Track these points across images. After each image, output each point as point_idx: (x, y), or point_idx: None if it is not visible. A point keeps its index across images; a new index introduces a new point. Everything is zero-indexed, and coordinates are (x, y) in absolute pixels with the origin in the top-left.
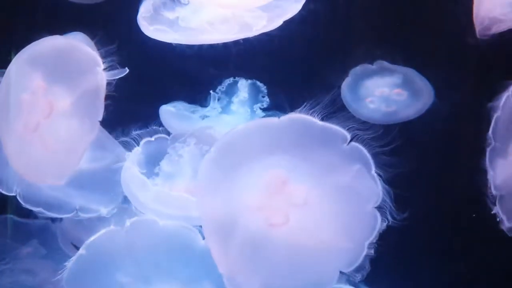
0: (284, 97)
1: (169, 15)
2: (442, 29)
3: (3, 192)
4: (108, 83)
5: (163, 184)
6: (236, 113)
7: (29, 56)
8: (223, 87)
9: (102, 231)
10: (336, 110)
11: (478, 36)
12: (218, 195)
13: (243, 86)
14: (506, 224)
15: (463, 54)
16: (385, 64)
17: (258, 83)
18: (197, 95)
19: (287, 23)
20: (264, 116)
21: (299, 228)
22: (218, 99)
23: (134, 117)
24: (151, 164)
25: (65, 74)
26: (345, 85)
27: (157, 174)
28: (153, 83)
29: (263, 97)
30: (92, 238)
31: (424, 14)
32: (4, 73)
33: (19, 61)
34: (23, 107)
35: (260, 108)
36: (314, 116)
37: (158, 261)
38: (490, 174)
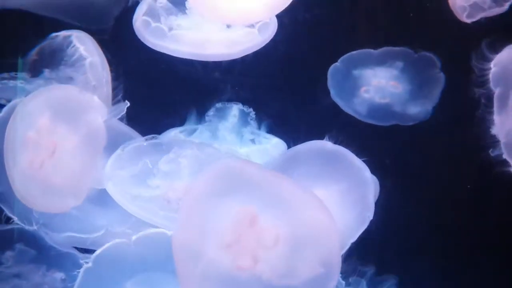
0: (287, 102)
1: (167, 22)
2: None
3: (24, 226)
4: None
5: (161, 184)
6: (224, 139)
7: (40, 98)
8: (211, 112)
9: (109, 244)
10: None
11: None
12: (191, 224)
13: (232, 112)
14: None
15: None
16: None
17: (246, 109)
18: (200, 100)
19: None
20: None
21: (267, 270)
22: (207, 123)
23: (135, 121)
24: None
25: (71, 117)
26: (338, 74)
27: (154, 175)
28: (157, 89)
29: (251, 120)
30: (99, 251)
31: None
32: (7, 77)
33: (29, 101)
34: (28, 145)
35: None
36: None
37: (167, 268)
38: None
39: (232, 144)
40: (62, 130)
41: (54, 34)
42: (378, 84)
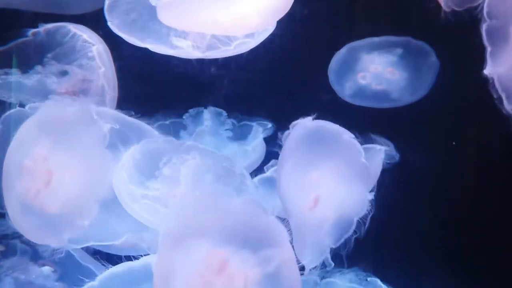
0: (284, 97)
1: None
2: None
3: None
4: None
5: (160, 188)
6: (202, 142)
7: (38, 121)
8: (187, 118)
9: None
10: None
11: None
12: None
13: (204, 116)
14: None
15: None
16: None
17: (217, 110)
18: (197, 96)
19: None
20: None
21: None
22: (185, 129)
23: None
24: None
25: (70, 144)
26: (337, 60)
27: (156, 178)
28: (153, 83)
29: (225, 119)
30: (107, 272)
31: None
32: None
33: (28, 124)
34: (24, 172)
35: (228, 129)
36: None
37: None
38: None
39: (212, 146)
40: (61, 158)
41: (34, 30)
42: (375, 70)
